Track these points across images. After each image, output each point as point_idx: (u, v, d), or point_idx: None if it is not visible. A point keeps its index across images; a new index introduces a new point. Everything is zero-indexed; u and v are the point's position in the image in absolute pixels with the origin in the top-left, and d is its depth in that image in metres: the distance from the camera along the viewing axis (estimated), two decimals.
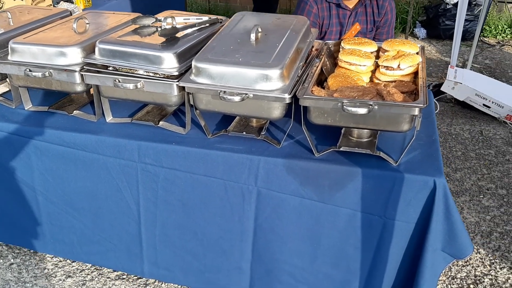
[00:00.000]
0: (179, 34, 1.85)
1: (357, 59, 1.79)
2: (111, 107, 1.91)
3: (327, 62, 1.92)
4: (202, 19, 2.05)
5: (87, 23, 2.03)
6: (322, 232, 1.76)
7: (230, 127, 1.84)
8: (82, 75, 1.78)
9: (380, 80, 1.79)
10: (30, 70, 1.81)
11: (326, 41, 2.06)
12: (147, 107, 2.00)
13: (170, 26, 1.89)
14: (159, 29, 1.92)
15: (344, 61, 1.81)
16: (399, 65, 1.74)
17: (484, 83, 3.94)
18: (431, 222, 1.60)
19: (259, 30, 1.80)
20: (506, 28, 5.54)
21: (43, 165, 1.94)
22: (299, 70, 1.72)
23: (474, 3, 5.18)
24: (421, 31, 5.54)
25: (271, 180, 1.72)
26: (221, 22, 2.06)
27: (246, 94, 1.59)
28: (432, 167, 1.61)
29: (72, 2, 3.38)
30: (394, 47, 1.86)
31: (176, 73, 1.68)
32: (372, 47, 1.92)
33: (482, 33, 5.49)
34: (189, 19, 2.04)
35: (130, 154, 1.82)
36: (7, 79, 2.04)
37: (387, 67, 1.76)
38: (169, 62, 1.70)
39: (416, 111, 1.50)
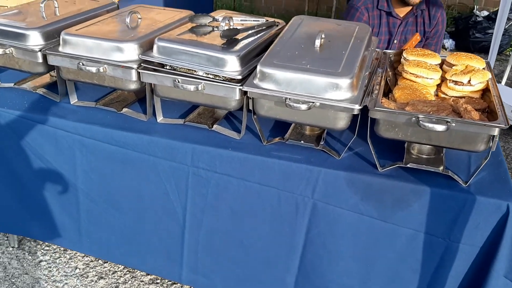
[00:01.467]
0: (239, 36, 1.77)
1: (425, 72, 1.71)
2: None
3: (389, 73, 1.84)
4: (259, 21, 1.98)
5: (139, 18, 1.96)
6: (378, 252, 1.69)
7: (287, 134, 1.77)
8: (138, 73, 1.71)
9: (447, 95, 1.72)
10: (83, 64, 1.74)
11: (384, 51, 1.98)
12: (198, 108, 1.93)
13: (228, 27, 1.82)
14: (215, 29, 1.85)
15: (411, 73, 1.73)
16: (469, 80, 1.67)
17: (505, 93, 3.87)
18: (500, 247, 1.52)
19: (323, 36, 1.73)
20: None
21: (87, 163, 1.87)
22: (365, 80, 1.65)
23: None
24: (449, 42, 5.47)
25: (329, 193, 1.65)
26: (277, 25, 1.99)
27: (313, 102, 1.52)
28: (504, 190, 1.54)
29: None
30: (460, 61, 1.79)
31: (240, 77, 1.61)
32: (436, 59, 1.84)
33: (511, 48, 5.43)
34: (246, 20, 1.97)
35: (183, 157, 1.75)
36: (53, 71, 1.97)
37: (456, 82, 1.69)
38: (232, 65, 1.63)
39: (496, 131, 1.43)
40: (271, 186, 1.70)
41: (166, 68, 1.72)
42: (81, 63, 1.74)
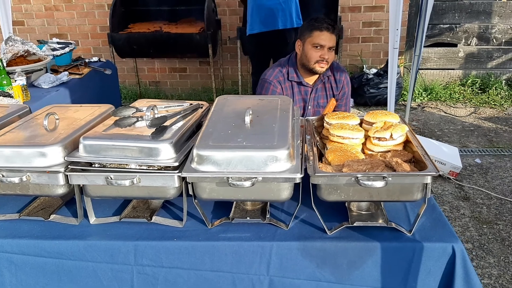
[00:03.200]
0: (167, 123, 1.76)
1: (350, 133, 1.81)
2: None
3: (317, 138, 1.92)
4: (183, 105, 1.99)
5: (57, 119, 1.88)
6: None
7: (231, 213, 1.74)
8: (66, 176, 1.61)
9: (373, 151, 1.81)
10: (3, 176, 1.61)
11: (307, 118, 2.08)
12: (132, 202, 1.85)
13: (154, 116, 1.81)
14: (140, 119, 1.83)
15: (337, 136, 1.82)
16: (391, 135, 1.78)
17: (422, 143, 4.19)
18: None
19: (251, 112, 1.77)
20: (422, 92, 6.03)
21: (18, 282, 1.69)
22: (299, 149, 1.70)
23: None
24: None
25: (284, 266, 1.63)
26: (201, 107, 2.02)
27: (256, 178, 1.53)
28: (445, 233, 1.62)
29: (12, 97, 3.16)
30: (377, 118, 1.91)
31: (176, 164, 1.58)
32: (355, 119, 1.95)
33: (402, 98, 5.95)
34: (170, 106, 1.97)
35: (125, 256, 1.64)
36: None
37: (379, 138, 1.80)
38: (166, 152, 1.60)
39: (429, 179, 1.52)
40: (224, 271, 1.64)
41: (94, 167, 1.65)
42: (1, 175, 1.61)
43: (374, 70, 5.95)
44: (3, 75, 3.22)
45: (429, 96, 5.97)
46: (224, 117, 1.81)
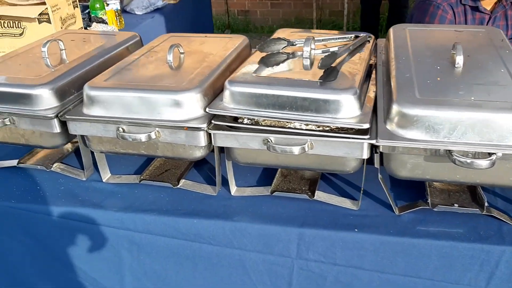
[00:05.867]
0: (336, 63, 1.25)
1: None
2: None
3: None
4: (345, 37, 1.45)
5: (181, 53, 1.42)
6: None
7: (429, 195, 1.23)
8: (209, 134, 1.16)
9: None
10: (124, 131, 1.19)
11: None
12: (280, 170, 1.38)
13: (311, 51, 1.30)
14: (291, 56, 1.32)
15: None
16: None
17: None
18: None
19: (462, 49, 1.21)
20: None
21: (140, 267, 1.32)
22: None
23: None
24: None
25: None
26: (369, 41, 1.47)
27: (495, 154, 1.00)
28: None
29: (106, 23, 2.76)
30: None
31: (367, 125, 1.08)
32: None
33: None
34: (328, 39, 1.45)
35: (284, 247, 1.21)
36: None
37: None
38: (350, 107, 1.10)
39: None
40: (422, 278, 1.17)
41: (242, 123, 1.19)
42: (120, 129, 1.19)
43: None
44: None
45: None
46: (417, 56, 1.27)
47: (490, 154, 1.00)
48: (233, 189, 1.31)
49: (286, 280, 1.24)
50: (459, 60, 1.18)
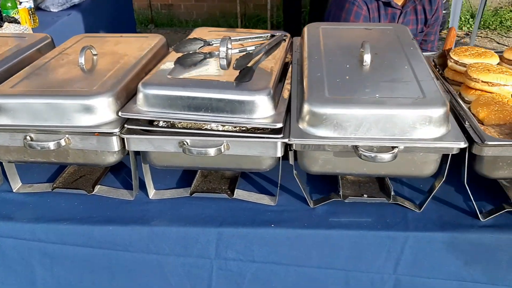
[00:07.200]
0: (252, 63, 1.26)
1: (503, 78, 1.31)
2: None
3: (446, 84, 1.42)
4: (261, 36, 1.47)
5: (94, 55, 1.37)
6: None
7: (341, 188, 1.28)
8: (122, 139, 1.14)
9: None
10: (32, 139, 1.14)
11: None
12: (199, 172, 1.38)
13: (227, 51, 1.30)
14: (208, 56, 1.33)
15: (483, 81, 1.32)
16: None
17: None
18: None
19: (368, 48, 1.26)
20: (469, 18, 5.41)
21: (53, 279, 1.27)
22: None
23: None
24: None
25: (420, 263, 1.20)
26: (285, 40, 1.50)
27: (397, 147, 1.06)
28: None
29: (18, 23, 2.61)
30: None
31: (280, 125, 1.10)
32: (495, 58, 1.45)
33: (447, 26, 5.33)
34: (245, 38, 1.46)
35: (203, 248, 1.21)
36: None
37: None
38: (264, 108, 1.12)
39: None
40: (336, 268, 1.22)
41: (158, 125, 1.17)
42: (28, 137, 1.13)
43: None
44: None
45: None
46: (329, 55, 1.31)
47: (393, 148, 1.06)
48: (152, 192, 1.29)
49: (206, 282, 1.25)
50: (367, 58, 1.24)
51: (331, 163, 1.13)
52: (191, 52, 1.34)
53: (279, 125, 1.10)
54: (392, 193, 1.25)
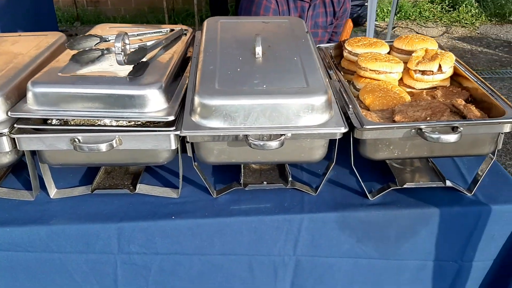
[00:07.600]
0: (147, 57, 1.28)
1: (388, 66, 1.40)
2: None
3: (340, 73, 1.50)
4: (160, 31, 1.49)
5: None
6: None
7: (242, 177, 1.33)
8: (13, 139, 1.12)
9: (415, 88, 1.43)
10: None
11: (318, 45, 1.64)
12: (102, 168, 1.38)
13: (125, 47, 1.31)
14: (106, 52, 1.33)
15: (371, 70, 1.41)
16: (439, 67, 1.39)
17: None
18: None
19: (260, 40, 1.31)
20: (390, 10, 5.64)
21: None
22: (333, 91, 1.28)
23: None
24: None
25: (316, 243, 1.27)
26: (185, 34, 1.52)
27: (284, 135, 1.11)
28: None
29: None
30: (415, 45, 1.51)
31: (172, 118, 1.13)
32: (385, 47, 1.55)
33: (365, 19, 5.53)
34: (143, 33, 1.47)
35: (105, 243, 1.21)
36: None
37: (423, 72, 1.41)
38: (156, 101, 1.14)
39: (509, 128, 1.17)
40: (238, 254, 1.26)
41: (51, 124, 1.17)
42: None
43: None
44: None
45: (397, 15, 5.59)
46: (224, 48, 1.34)
47: (280, 135, 1.11)
48: (53, 192, 1.28)
49: (112, 277, 1.26)
50: (259, 50, 1.28)
51: (225, 153, 1.17)
52: (87, 48, 1.33)
53: (171, 118, 1.12)
54: (290, 178, 1.31)
